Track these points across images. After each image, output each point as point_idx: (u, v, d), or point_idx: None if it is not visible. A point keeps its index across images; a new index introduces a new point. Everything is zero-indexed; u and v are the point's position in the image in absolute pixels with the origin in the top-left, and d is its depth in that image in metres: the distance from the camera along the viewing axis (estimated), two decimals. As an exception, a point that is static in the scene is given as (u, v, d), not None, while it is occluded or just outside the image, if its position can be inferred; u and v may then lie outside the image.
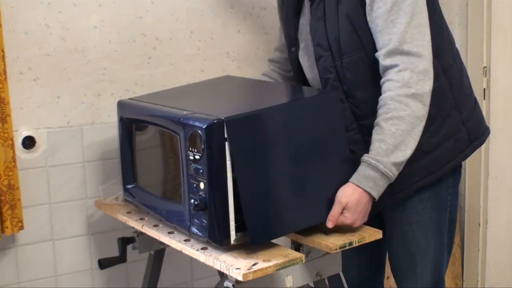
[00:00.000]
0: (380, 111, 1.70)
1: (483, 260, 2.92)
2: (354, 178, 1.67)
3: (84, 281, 2.25)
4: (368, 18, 1.73)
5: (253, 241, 1.55)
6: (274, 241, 1.66)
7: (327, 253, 1.69)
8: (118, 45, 2.21)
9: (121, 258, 2.01)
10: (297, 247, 1.71)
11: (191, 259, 1.65)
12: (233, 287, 1.55)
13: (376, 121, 1.70)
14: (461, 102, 1.88)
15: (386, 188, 1.70)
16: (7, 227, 2.01)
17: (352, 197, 1.65)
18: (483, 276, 2.94)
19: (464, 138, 1.88)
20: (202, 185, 1.56)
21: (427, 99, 1.70)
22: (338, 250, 1.63)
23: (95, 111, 2.20)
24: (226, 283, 1.56)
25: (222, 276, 1.82)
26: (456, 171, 1.95)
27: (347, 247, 1.65)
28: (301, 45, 1.94)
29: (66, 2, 2.11)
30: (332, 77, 1.80)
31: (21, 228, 2.05)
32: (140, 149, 1.92)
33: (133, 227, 1.91)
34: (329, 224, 1.66)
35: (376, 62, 1.74)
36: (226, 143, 1.52)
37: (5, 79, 1.96)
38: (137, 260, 2.19)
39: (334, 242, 1.63)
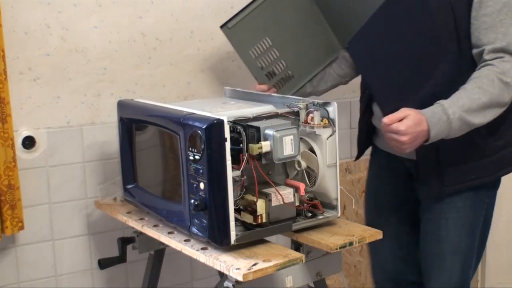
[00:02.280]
0: (471, 78, 1.75)
1: (483, 260, 2.92)
2: (424, 110, 1.71)
3: (84, 281, 2.25)
4: (473, 14, 1.76)
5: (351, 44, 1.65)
6: (274, 241, 1.66)
7: (327, 253, 1.69)
8: (118, 45, 2.21)
9: (121, 258, 2.01)
10: (297, 247, 1.71)
11: (191, 259, 1.65)
12: (233, 287, 1.55)
13: (464, 85, 1.74)
14: None
15: (438, 179, 1.80)
16: (7, 227, 2.01)
17: (415, 116, 1.68)
18: (483, 276, 2.95)
19: None
20: (202, 185, 1.56)
21: None
22: (338, 250, 1.63)
23: (95, 111, 2.20)
24: (226, 283, 1.56)
25: (222, 276, 1.82)
26: (500, 179, 1.99)
27: (347, 247, 1.65)
28: None
29: (66, 2, 2.11)
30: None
31: (21, 228, 2.05)
32: (140, 149, 1.92)
33: (133, 227, 1.91)
34: (385, 119, 1.69)
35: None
36: (226, 143, 1.53)
37: (5, 79, 1.96)
38: (137, 260, 2.19)
39: (334, 242, 1.63)
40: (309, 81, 2.22)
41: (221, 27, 2.05)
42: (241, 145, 1.61)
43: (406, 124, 1.67)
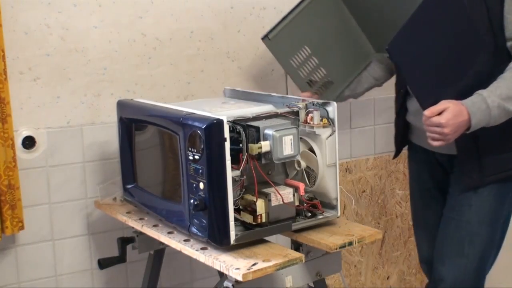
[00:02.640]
0: (507, 69, 1.80)
1: (483, 260, 2.91)
2: (463, 100, 1.77)
3: (84, 281, 2.25)
4: (506, 8, 1.80)
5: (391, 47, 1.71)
6: (274, 240, 1.66)
7: (327, 252, 1.69)
8: (118, 45, 2.21)
9: (121, 258, 2.01)
10: (296, 247, 1.71)
11: (191, 259, 1.65)
12: (232, 287, 1.55)
13: (501, 75, 1.80)
14: None
15: (478, 167, 1.87)
16: (7, 227, 2.01)
17: (455, 107, 1.74)
18: (483, 276, 2.94)
19: None
20: (201, 185, 1.56)
21: None
22: (338, 250, 1.63)
23: (95, 111, 2.20)
24: (226, 283, 1.56)
25: (222, 276, 1.82)
26: None
27: (347, 247, 1.65)
28: None
29: (66, 2, 2.11)
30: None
31: (21, 228, 2.05)
32: (140, 149, 1.92)
33: (133, 227, 1.91)
34: (426, 112, 1.74)
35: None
36: (226, 143, 1.53)
37: (5, 79, 1.96)
38: (137, 260, 2.19)
39: (334, 242, 1.63)
40: (347, 86, 2.27)
41: (263, 38, 2.12)
42: (240, 145, 1.61)
43: (446, 117, 1.72)
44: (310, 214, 1.72)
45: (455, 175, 2.03)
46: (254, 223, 1.62)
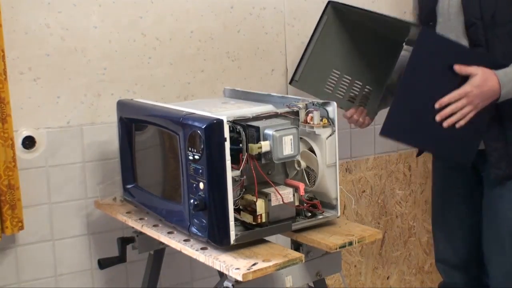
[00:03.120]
0: None
1: (483, 260, 2.92)
2: (500, 70, 1.79)
3: (84, 281, 2.25)
4: None
5: (383, 131, 1.75)
6: (274, 240, 1.66)
7: (327, 252, 1.69)
8: (118, 45, 2.21)
9: (121, 258, 2.01)
10: (296, 246, 1.71)
11: (191, 259, 1.65)
12: (232, 287, 1.55)
13: None
14: None
15: (507, 158, 1.87)
16: (7, 227, 2.01)
17: (483, 74, 1.75)
18: (483, 276, 2.94)
19: None
20: (201, 185, 1.56)
21: None
22: (338, 250, 1.63)
23: (95, 111, 2.20)
24: (225, 283, 1.56)
25: (222, 276, 1.82)
26: None
27: (347, 247, 1.65)
28: (439, 19, 1.98)
29: (66, 2, 2.12)
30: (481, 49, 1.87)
31: (21, 228, 2.05)
32: (140, 149, 1.92)
33: (133, 227, 1.91)
34: (456, 67, 1.77)
35: None
36: (226, 143, 1.53)
37: (5, 79, 1.96)
38: (137, 260, 2.19)
39: (334, 242, 1.63)
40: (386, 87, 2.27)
41: (290, 83, 2.17)
42: (240, 145, 1.61)
43: (469, 87, 1.76)
44: (310, 214, 1.72)
45: (485, 172, 2.02)
46: (254, 223, 1.62)
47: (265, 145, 1.60)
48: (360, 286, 2.81)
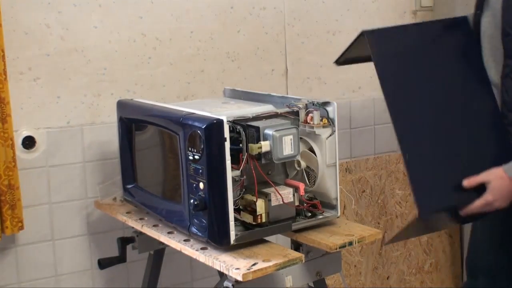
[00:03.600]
0: None
1: (483, 260, 2.91)
2: (506, 165, 1.71)
3: (84, 281, 2.25)
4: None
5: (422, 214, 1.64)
6: (274, 240, 1.66)
7: (327, 252, 1.69)
8: (118, 45, 2.21)
9: (121, 258, 2.01)
10: (296, 246, 1.71)
11: (191, 259, 1.65)
12: (232, 287, 1.55)
13: None
14: None
15: None
16: (7, 227, 2.01)
17: (497, 181, 1.70)
18: (483, 276, 2.94)
19: None
20: (201, 185, 1.56)
21: None
22: (338, 250, 1.63)
23: (95, 111, 2.20)
24: (225, 283, 1.56)
25: (222, 276, 1.82)
26: None
27: (347, 247, 1.65)
28: (487, 12, 1.87)
29: (66, 2, 2.12)
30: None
31: (21, 228, 2.05)
32: (140, 149, 1.92)
33: (133, 227, 1.91)
34: (465, 182, 1.71)
35: None
36: (226, 143, 1.53)
37: (5, 79, 1.96)
38: (137, 260, 2.19)
39: (334, 242, 1.63)
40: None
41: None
42: (240, 145, 1.61)
43: (492, 193, 1.70)
44: (310, 214, 1.72)
45: None
46: (254, 223, 1.62)
47: (265, 145, 1.60)
48: (360, 286, 2.81)
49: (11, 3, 2.03)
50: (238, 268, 1.49)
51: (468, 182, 1.72)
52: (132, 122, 1.91)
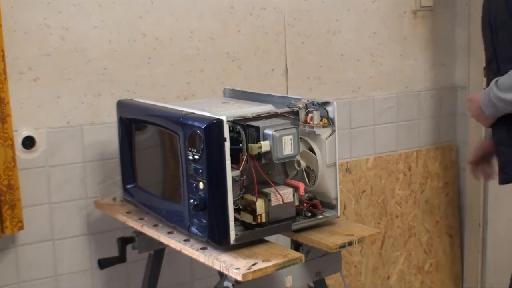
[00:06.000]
0: None
1: (483, 260, 2.92)
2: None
3: (84, 281, 2.25)
4: None
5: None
6: (273, 240, 1.66)
7: (327, 252, 1.69)
8: (118, 45, 2.21)
9: (121, 258, 2.01)
10: (296, 246, 1.71)
11: (191, 259, 1.65)
12: (232, 287, 1.55)
13: None
14: None
15: None
16: (7, 227, 2.01)
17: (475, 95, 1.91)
18: (483, 276, 2.94)
19: None
20: (201, 185, 1.56)
21: None
22: (338, 250, 1.63)
23: (95, 111, 2.20)
24: (225, 283, 1.56)
25: (222, 276, 1.82)
26: None
27: (347, 247, 1.65)
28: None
29: (66, 2, 2.12)
30: (491, 50, 1.90)
31: (21, 228, 2.05)
32: (140, 149, 1.92)
33: (133, 227, 1.91)
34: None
35: None
36: (226, 143, 1.53)
37: (5, 79, 1.96)
38: (137, 260, 2.19)
39: (334, 242, 1.63)
40: None
41: None
42: (240, 144, 1.61)
43: (471, 103, 1.91)
44: (310, 214, 1.72)
45: None
46: (254, 223, 1.62)
47: (265, 145, 1.60)
48: (360, 286, 2.81)
49: (11, 3, 2.03)
50: (238, 268, 1.49)
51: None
52: (132, 122, 1.91)
